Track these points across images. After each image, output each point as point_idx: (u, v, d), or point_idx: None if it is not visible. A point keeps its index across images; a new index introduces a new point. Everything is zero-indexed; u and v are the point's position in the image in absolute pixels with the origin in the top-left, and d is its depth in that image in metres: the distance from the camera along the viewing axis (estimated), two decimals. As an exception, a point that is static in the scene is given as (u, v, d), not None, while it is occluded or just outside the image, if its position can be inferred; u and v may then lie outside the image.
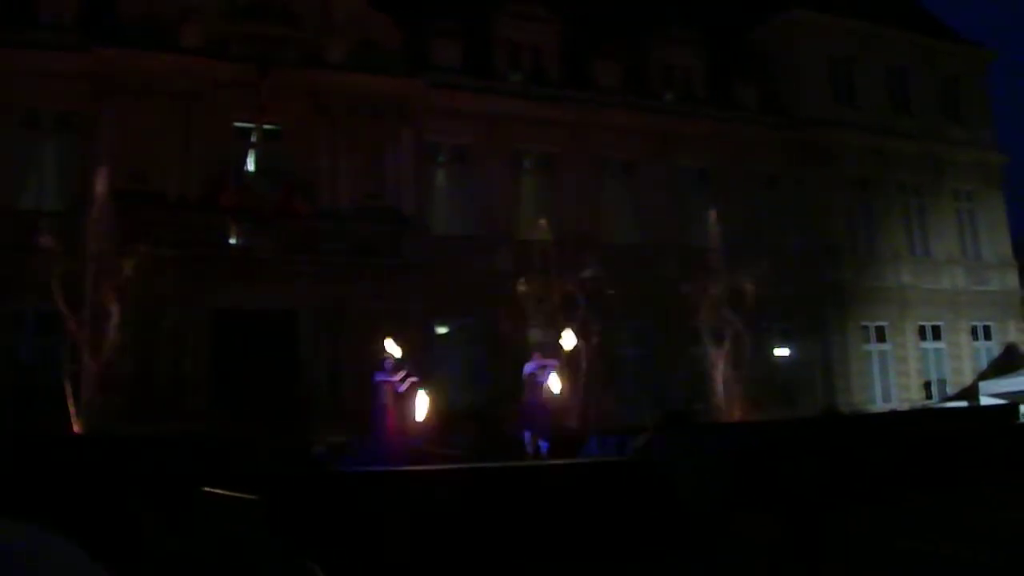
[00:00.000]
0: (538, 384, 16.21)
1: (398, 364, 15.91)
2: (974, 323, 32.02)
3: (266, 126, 23.80)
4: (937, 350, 31.20)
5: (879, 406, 28.83)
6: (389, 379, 15.67)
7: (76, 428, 17.14)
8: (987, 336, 32.28)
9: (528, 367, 16.36)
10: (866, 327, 30.12)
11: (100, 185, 18.70)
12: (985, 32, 48.55)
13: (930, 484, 16.20)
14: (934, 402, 29.72)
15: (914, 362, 30.45)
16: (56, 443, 13.89)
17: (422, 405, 15.28)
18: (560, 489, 12.65)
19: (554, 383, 16.19)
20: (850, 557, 10.49)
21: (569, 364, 22.03)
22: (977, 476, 16.77)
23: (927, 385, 30.54)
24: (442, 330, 25.15)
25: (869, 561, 10.82)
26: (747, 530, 11.71)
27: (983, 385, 28.88)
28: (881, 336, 30.35)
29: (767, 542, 9.87)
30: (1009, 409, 23.73)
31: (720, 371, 22.82)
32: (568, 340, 17.54)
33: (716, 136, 29.32)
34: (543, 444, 15.75)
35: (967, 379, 30.68)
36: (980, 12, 74.52)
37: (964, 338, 31.63)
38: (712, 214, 24.22)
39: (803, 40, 31.47)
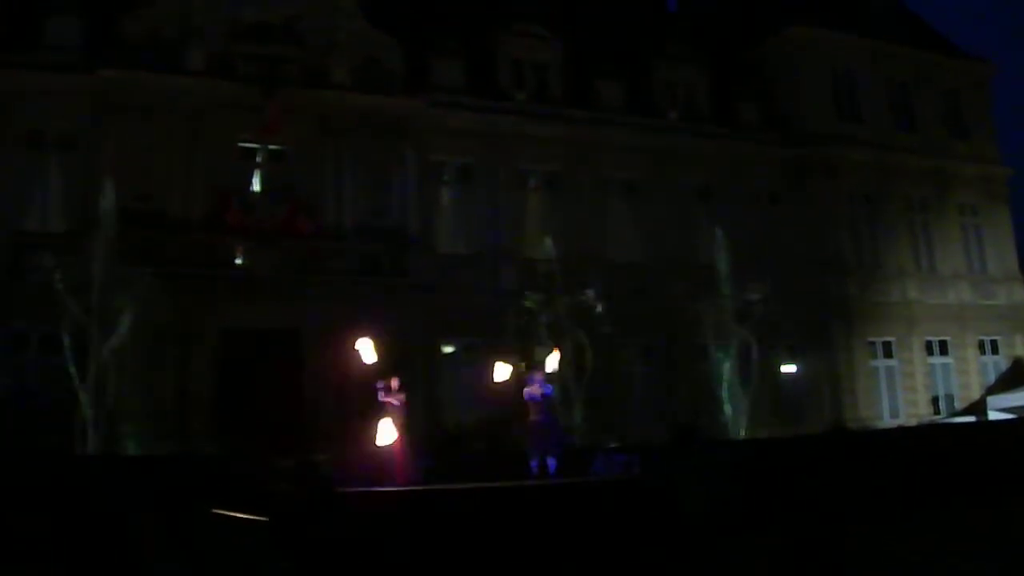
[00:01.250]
0: (542, 400, 16.05)
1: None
2: (981, 337, 31.83)
3: (270, 146, 23.90)
4: (944, 365, 31.03)
5: (887, 422, 28.64)
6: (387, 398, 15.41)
7: (81, 448, 17.11)
8: (994, 350, 32.09)
9: (532, 389, 16.15)
10: (873, 343, 29.99)
11: (104, 205, 18.74)
12: (986, 45, 48.49)
13: (939, 500, 16.10)
14: (942, 417, 29.55)
15: (921, 377, 30.29)
16: (61, 463, 13.84)
17: (386, 430, 14.44)
18: (567, 508, 12.55)
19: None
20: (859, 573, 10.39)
21: (577, 380, 22.12)
22: (987, 491, 16.68)
23: (935, 400, 30.39)
24: (447, 349, 25.08)
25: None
26: (755, 546, 11.64)
27: (991, 400, 28.74)
28: (888, 352, 30.21)
29: (774, 558, 9.79)
30: (1018, 423, 23.63)
31: (727, 388, 22.77)
32: (552, 362, 17.08)
33: (719, 153, 29.33)
34: (551, 462, 15.62)
35: (975, 394, 30.50)
36: (981, 26, 74.65)
37: (971, 353, 31.45)
38: (717, 232, 24.20)
39: (805, 56, 31.47)
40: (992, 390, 30.35)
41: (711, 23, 34.31)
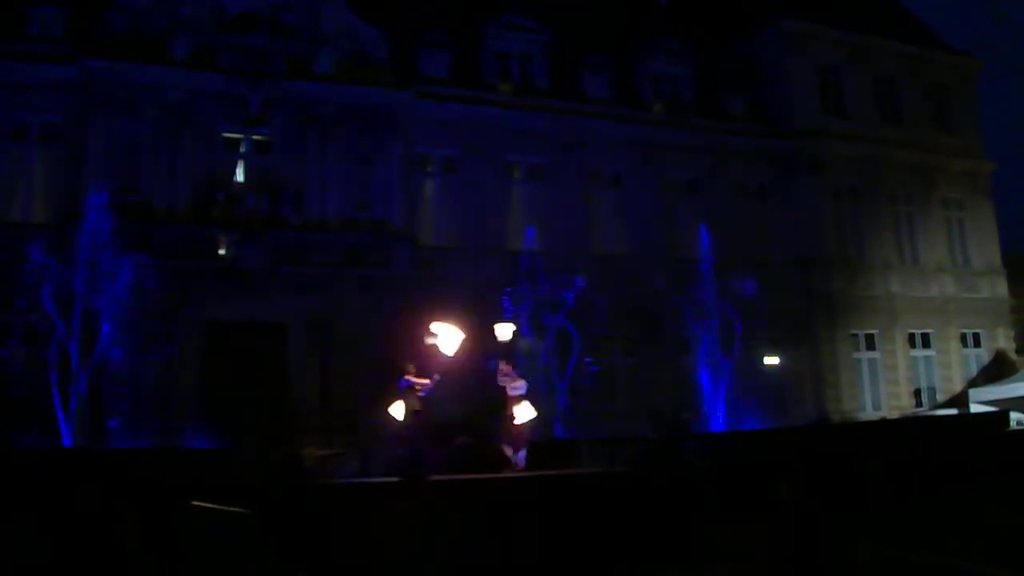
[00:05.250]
0: (526, 395, 16.10)
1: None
2: (964, 330, 32.03)
3: (255, 137, 23.84)
4: (927, 358, 31.21)
5: (869, 414, 28.83)
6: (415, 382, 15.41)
7: (65, 441, 17.07)
8: (977, 343, 32.29)
9: (516, 383, 16.18)
10: (856, 335, 30.13)
11: (89, 196, 18.67)
12: (973, 40, 48.65)
13: (921, 492, 16.22)
14: (924, 410, 29.74)
15: (904, 370, 30.45)
16: (45, 457, 13.80)
17: (526, 410, 15.29)
18: (552, 500, 12.61)
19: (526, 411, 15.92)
20: (843, 569, 10.45)
21: (560, 373, 22.24)
22: (968, 483, 16.79)
23: (917, 393, 30.56)
24: (430, 341, 24.99)
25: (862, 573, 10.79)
26: (738, 540, 11.70)
27: (973, 392, 28.92)
28: (871, 344, 30.35)
29: (758, 552, 9.85)
30: (999, 416, 23.79)
31: (710, 381, 22.87)
32: (503, 331, 17.27)
33: (705, 146, 29.36)
34: (520, 455, 15.58)
35: (957, 387, 30.70)
36: (967, 20, 74.88)
37: (954, 346, 31.63)
38: (702, 224, 24.28)
39: (792, 50, 31.52)
40: (974, 383, 30.55)
41: (698, 16, 34.31)
